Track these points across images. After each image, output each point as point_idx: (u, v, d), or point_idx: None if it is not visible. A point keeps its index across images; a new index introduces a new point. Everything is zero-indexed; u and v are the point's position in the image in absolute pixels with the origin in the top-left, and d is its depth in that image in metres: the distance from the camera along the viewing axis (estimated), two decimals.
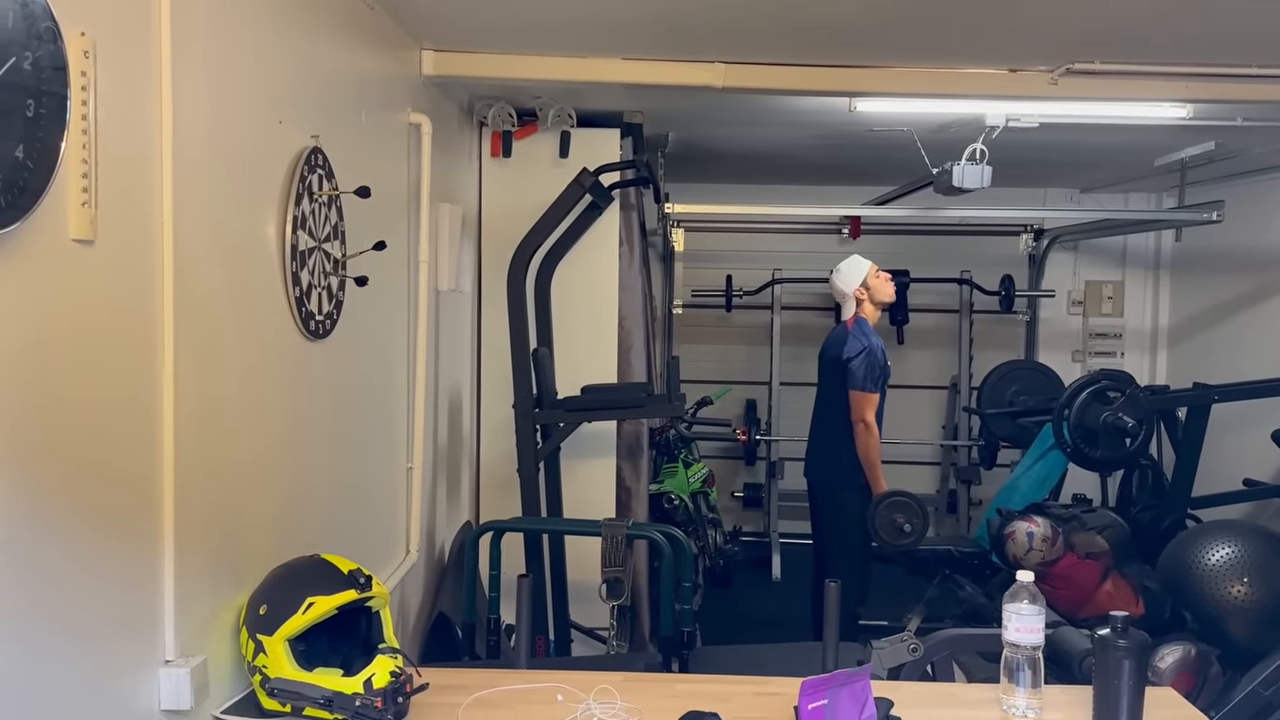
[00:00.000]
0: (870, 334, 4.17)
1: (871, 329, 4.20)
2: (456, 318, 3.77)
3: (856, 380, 4.10)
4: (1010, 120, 3.75)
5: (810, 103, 3.82)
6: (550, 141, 3.97)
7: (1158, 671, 3.30)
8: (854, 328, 4.21)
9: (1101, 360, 6.44)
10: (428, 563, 3.38)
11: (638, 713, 1.87)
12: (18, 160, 1.21)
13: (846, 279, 4.26)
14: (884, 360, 4.16)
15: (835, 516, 4.29)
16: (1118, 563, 3.73)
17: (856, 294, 4.23)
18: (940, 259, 6.35)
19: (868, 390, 4.09)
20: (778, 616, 5.20)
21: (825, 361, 4.36)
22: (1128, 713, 1.82)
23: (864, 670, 1.69)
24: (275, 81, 2.08)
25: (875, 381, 4.11)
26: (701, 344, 6.65)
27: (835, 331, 4.36)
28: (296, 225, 2.12)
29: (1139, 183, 6.00)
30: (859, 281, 4.23)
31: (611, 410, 3.63)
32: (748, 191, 6.42)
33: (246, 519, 1.96)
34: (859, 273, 4.24)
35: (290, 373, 2.16)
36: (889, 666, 2.80)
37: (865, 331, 4.17)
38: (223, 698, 1.84)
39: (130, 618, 1.57)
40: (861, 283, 4.22)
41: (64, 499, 1.38)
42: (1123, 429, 4.16)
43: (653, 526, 3.13)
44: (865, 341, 4.13)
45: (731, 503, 6.58)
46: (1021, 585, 1.93)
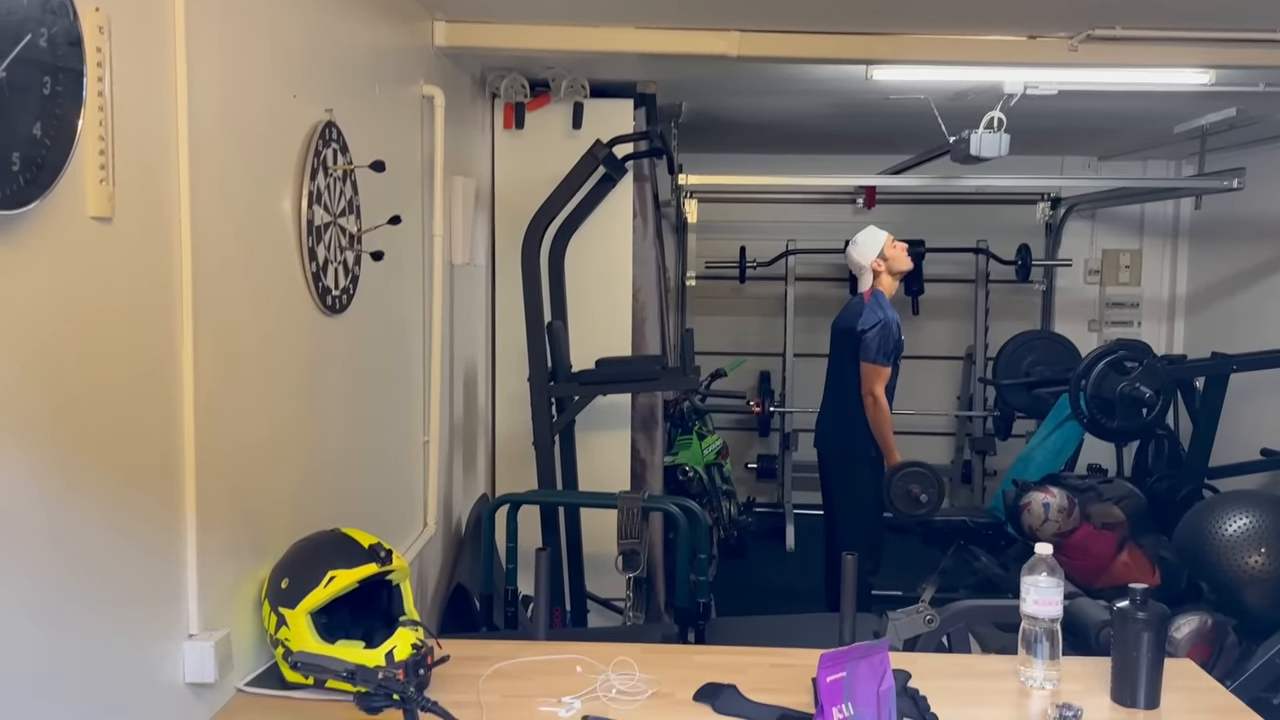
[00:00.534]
0: (886, 307, 4.15)
1: (888, 302, 4.18)
2: (471, 291, 3.77)
3: (869, 353, 4.08)
4: (1029, 88, 3.71)
5: (826, 71, 3.78)
6: (563, 113, 3.94)
7: (1174, 641, 3.30)
8: (870, 300, 4.18)
9: (1118, 330, 6.40)
10: (445, 535, 3.40)
11: (656, 684, 1.88)
12: (35, 138, 1.21)
13: (863, 251, 4.23)
14: (898, 334, 4.15)
15: (846, 487, 4.29)
16: (1134, 533, 3.73)
17: (874, 266, 4.21)
18: (956, 228, 6.31)
19: (879, 363, 4.08)
20: (792, 587, 5.23)
21: (838, 332, 4.34)
22: (1146, 685, 1.82)
23: (882, 643, 1.69)
24: (289, 55, 2.07)
25: (887, 355, 4.09)
26: (715, 316, 6.63)
27: (851, 303, 4.34)
28: (312, 200, 2.12)
29: (1158, 150, 5.93)
30: (876, 253, 4.20)
31: (625, 383, 3.63)
32: (762, 161, 6.37)
33: (267, 493, 1.97)
34: (875, 244, 4.21)
35: (308, 348, 2.17)
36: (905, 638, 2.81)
37: (881, 305, 4.15)
38: (246, 670, 1.86)
39: (154, 592, 1.59)
40: (879, 254, 4.20)
41: (86, 476, 1.39)
42: (1140, 399, 4.14)
43: (668, 499, 3.14)
44: (881, 315, 4.11)
45: (745, 474, 6.59)
46: (1040, 558, 1.93)
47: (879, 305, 4.15)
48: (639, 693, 1.86)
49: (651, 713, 1.79)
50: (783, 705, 1.80)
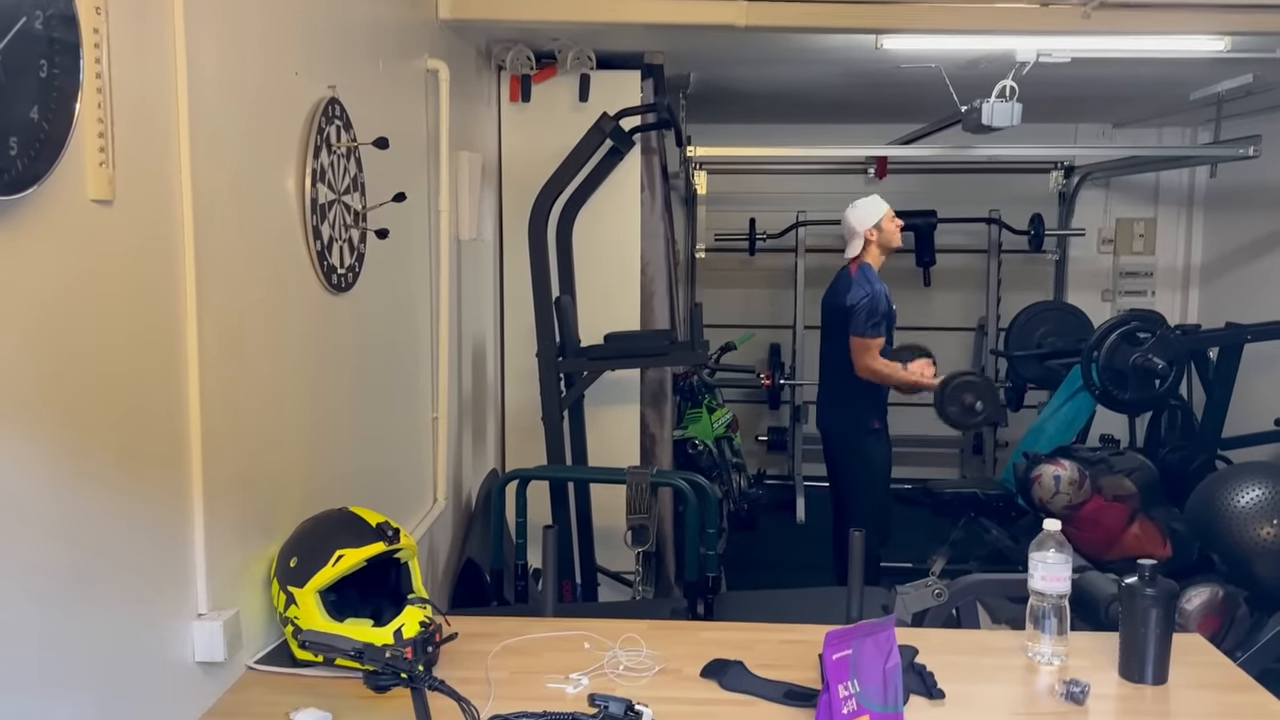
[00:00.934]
0: (874, 280, 4.12)
1: (875, 274, 4.14)
2: (479, 267, 3.76)
3: (858, 326, 4.05)
4: (1041, 56, 3.66)
5: (835, 40, 3.74)
6: (570, 85, 3.92)
7: (1185, 613, 3.30)
8: (857, 274, 4.15)
9: (1132, 300, 6.35)
10: (455, 510, 3.42)
11: (663, 660, 1.89)
12: (33, 122, 1.20)
13: (861, 216, 4.18)
14: (888, 305, 4.12)
15: (852, 461, 4.28)
16: (1145, 505, 3.72)
17: (867, 234, 4.16)
18: (968, 198, 6.25)
19: (869, 336, 4.05)
20: (802, 559, 5.24)
21: (828, 309, 4.32)
22: (1154, 660, 1.82)
23: (888, 620, 1.69)
24: (290, 32, 2.05)
25: (876, 326, 4.06)
26: (725, 288, 6.61)
27: (839, 277, 4.29)
28: (316, 178, 2.11)
29: (1173, 117, 5.86)
30: (873, 222, 4.15)
31: (634, 358, 3.62)
32: (771, 132, 6.32)
33: (274, 473, 1.97)
34: (875, 213, 4.17)
35: (314, 327, 2.17)
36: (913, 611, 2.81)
37: (869, 278, 4.12)
38: (256, 648, 1.88)
39: (162, 573, 1.60)
40: (875, 224, 4.15)
41: (92, 458, 1.39)
42: (1152, 370, 4.11)
43: (677, 474, 3.14)
44: (868, 288, 4.08)
45: (756, 447, 6.59)
46: (1048, 534, 1.92)
47: (866, 279, 4.11)
48: (646, 669, 1.86)
49: (658, 688, 1.79)
50: (789, 681, 1.80)
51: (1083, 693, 1.74)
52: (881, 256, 4.21)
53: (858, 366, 4.09)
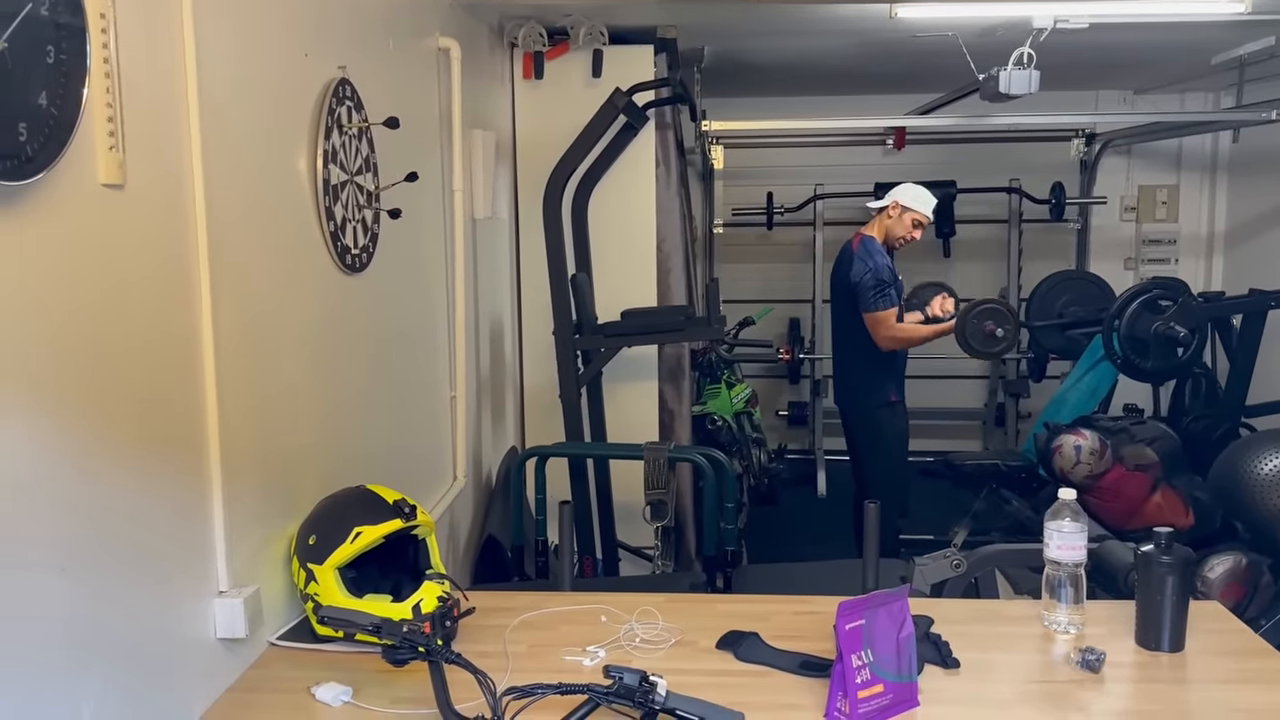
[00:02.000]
0: (875, 253, 4.11)
1: (878, 248, 4.14)
2: (494, 245, 3.76)
3: (866, 303, 4.07)
4: (1059, 21, 3.60)
5: (849, 10, 3.70)
6: (583, 61, 3.90)
7: (1207, 582, 3.29)
8: (859, 248, 4.15)
9: (1155, 268, 6.28)
10: (475, 487, 3.44)
11: (679, 632, 1.91)
12: (42, 107, 1.22)
13: (902, 192, 4.19)
14: (892, 277, 4.11)
15: (870, 434, 4.29)
16: (1167, 474, 3.69)
17: (891, 207, 4.17)
18: (988, 167, 6.19)
19: (879, 309, 4.05)
20: (824, 532, 5.24)
21: (836, 285, 4.32)
22: (1171, 628, 1.81)
23: (901, 590, 1.70)
24: (299, 13, 2.05)
25: (885, 297, 4.06)
26: (743, 263, 6.59)
27: (843, 253, 4.29)
28: (327, 159, 2.12)
29: (1195, 82, 5.77)
30: (906, 204, 4.15)
31: (651, 334, 3.62)
32: (788, 104, 6.28)
33: (293, 452, 2.00)
34: (913, 200, 4.16)
35: (329, 307, 2.18)
36: (932, 582, 2.82)
37: (870, 251, 4.12)
38: (278, 624, 1.91)
39: (183, 551, 1.62)
40: (905, 207, 4.15)
41: (110, 440, 1.42)
42: (1174, 338, 4.08)
43: (694, 449, 3.15)
44: (870, 263, 4.08)
45: (776, 421, 6.59)
46: (1063, 503, 1.92)
47: (867, 252, 4.11)
48: (662, 641, 1.88)
49: (674, 660, 1.81)
50: (805, 652, 1.81)
51: (1098, 660, 1.74)
52: (884, 237, 4.19)
53: (878, 340, 4.09)
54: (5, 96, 1.16)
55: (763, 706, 1.63)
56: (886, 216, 4.19)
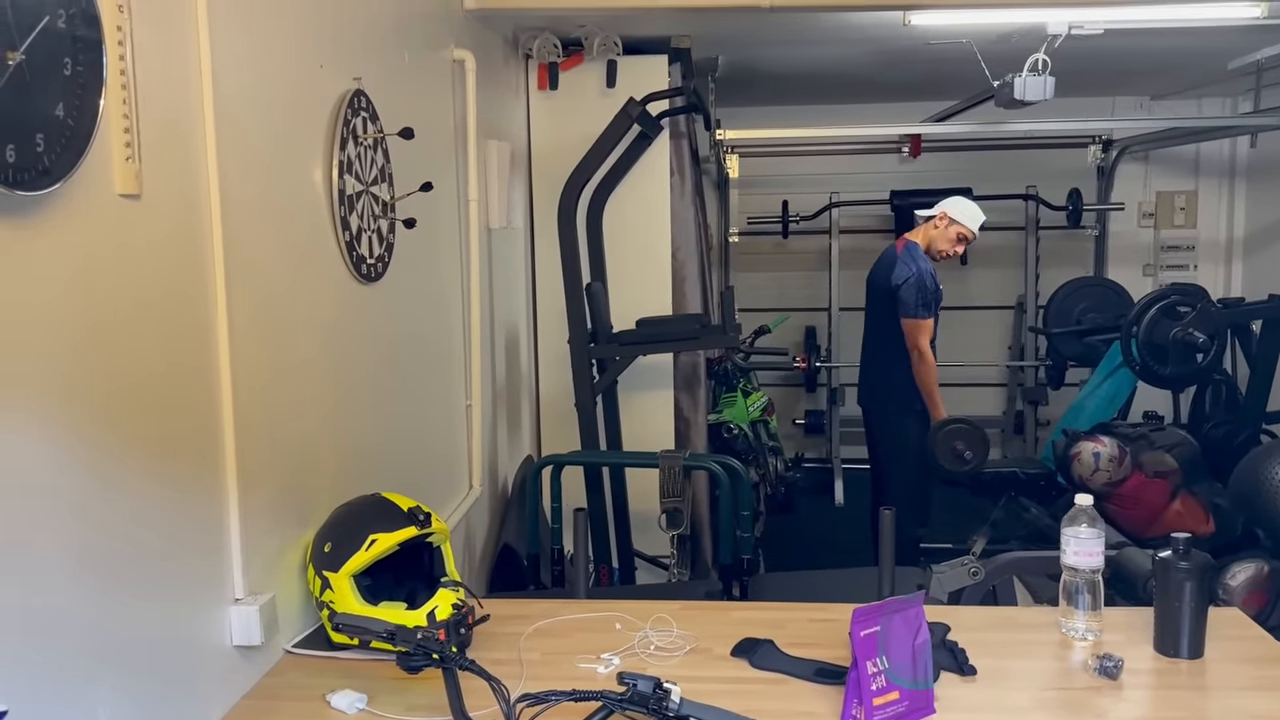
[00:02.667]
0: (919, 258, 4.10)
1: (921, 254, 4.13)
2: (510, 254, 3.78)
3: (908, 308, 4.04)
4: (1073, 28, 3.60)
5: (862, 18, 3.71)
6: (597, 71, 3.92)
7: (1229, 589, 3.25)
8: (903, 252, 4.14)
9: (1174, 274, 6.24)
10: (491, 496, 3.45)
11: (694, 640, 1.90)
12: (58, 119, 1.23)
13: (953, 204, 4.21)
14: (934, 285, 4.09)
15: (892, 442, 4.27)
16: (1187, 481, 3.66)
17: (939, 217, 4.17)
18: (1005, 174, 6.18)
19: (920, 317, 4.04)
20: (841, 541, 5.22)
21: (874, 287, 4.30)
22: (1189, 634, 1.80)
23: (917, 597, 1.69)
24: (315, 26, 2.07)
25: (927, 306, 4.05)
26: (759, 271, 6.59)
27: (884, 256, 4.29)
28: (343, 170, 2.13)
29: (1213, 87, 5.74)
30: (954, 216, 4.17)
31: (665, 343, 3.63)
32: (803, 113, 6.28)
33: (308, 461, 2.01)
34: (962, 215, 4.17)
35: (344, 317, 2.20)
36: (949, 590, 2.80)
37: (914, 256, 4.10)
38: (294, 632, 1.91)
39: (199, 558, 1.63)
40: (953, 220, 4.15)
41: (126, 449, 1.43)
42: (1193, 344, 4.05)
43: (709, 457, 3.15)
44: (914, 267, 4.06)
45: (793, 430, 6.58)
46: (1080, 509, 1.90)
47: (911, 257, 4.10)
48: (677, 648, 1.88)
49: (689, 668, 1.80)
50: (820, 659, 1.80)
51: (1116, 667, 1.73)
52: (926, 244, 4.19)
53: (910, 346, 4.07)
54: (23, 108, 1.17)
55: (777, 714, 1.63)
56: (933, 226, 4.19)
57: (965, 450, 3.96)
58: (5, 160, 1.14)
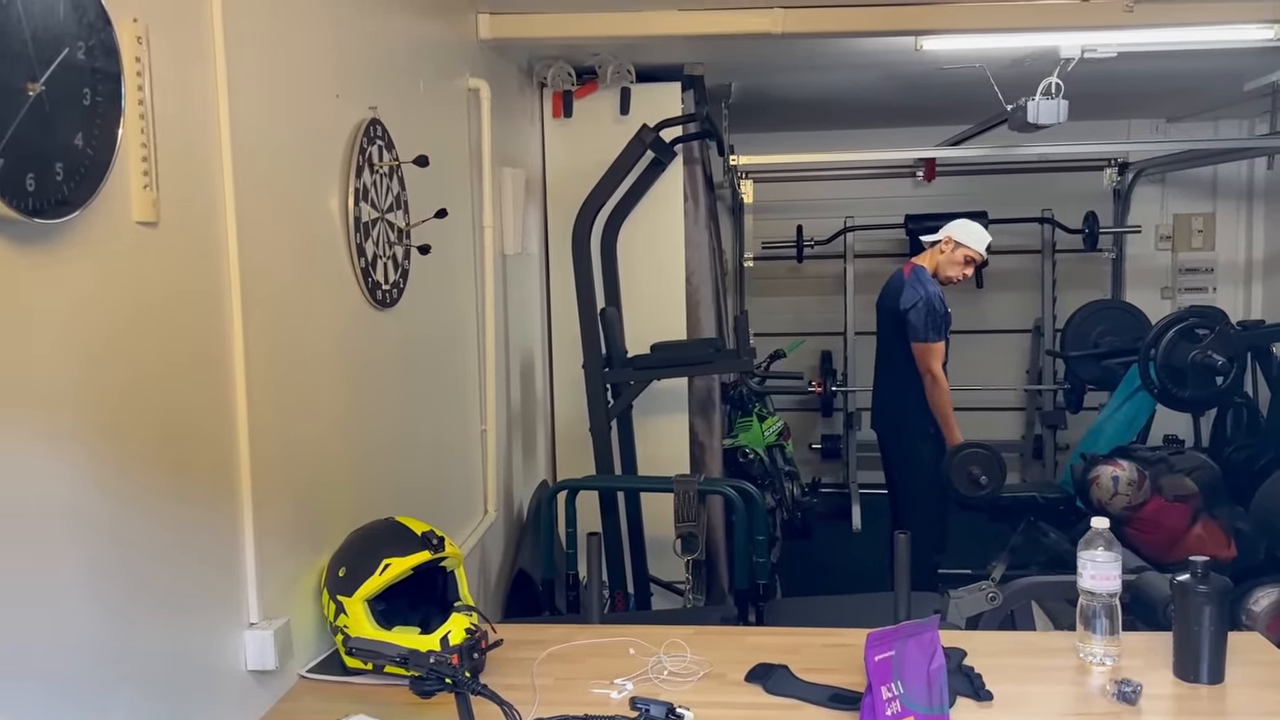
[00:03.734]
0: (927, 282, 4.10)
1: (929, 277, 4.13)
2: (525, 280, 3.80)
3: (918, 332, 4.04)
4: (1086, 51, 3.60)
5: (874, 44, 3.73)
6: (611, 99, 3.95)
7: (1252, 615, 3.22)
8: (911, 276, 4.14)
9: (1193, 297, 6.21)
10: (506, 521, 3.45)
11: (708, 665, 1.89)
12: (77, 148, 1.25)
13: (958, 227, 4.20)
14: (943, 308, 4.09)
15: (908, 467, 4.25)
16: (1208, 505, 3.63)
17: (945, 242, 4.17)
18: (1020, 198, 6.17)
19: (930, 340, 4.03)
20: (859, 567, 5.18)
21: (883, 311, 4.30)
22: (1209, 659, 1.78)
23: (931, 621, 1.68)
24: (330, 55, 2.10)
25: (937, 330, 4.04)
26: (774, 296, 6.59)
27: (892, 280, 4.28)
28: (359, 197, 2.16)
29: (1229, 109, 5.73)
30: (960, 240, 4.16)
31: (680, 367, 3.63)
32: (817, 138, 6.30)
33: (324, 486, 2.02)
34: (968, 238, 4.17)
35: (360, 342, 2.21)
36: (967, 616, 2.78)
37: (921, 280, 4.10)
38: (308, 657, 1.92)
39: (214, 583, 1.64)
40: (959, 243, 4.15)
41: (143, 473, 1.44)
42: (1212, 367, 4.02)
43: (724, 481, 3.15)
44: (922, 291, 4.06)
45: (810, 455, 6.55)
46: (1097, 532, 1.89)
47: (919, 281, 4.10)
48: (691, 674, 1.87)
49: (703, 693, 1.79)
50: (834, 685, 1.79)
51: (1135, 692, 1.71)
52: (934, 269, 4.19)
53: (922, 370, 4.06)
54: (42, 138, 1.19)
55: None
56: (939, 251, 4.19)
57: (981, 475, 3.93)
58: (25, 189, 1.16)
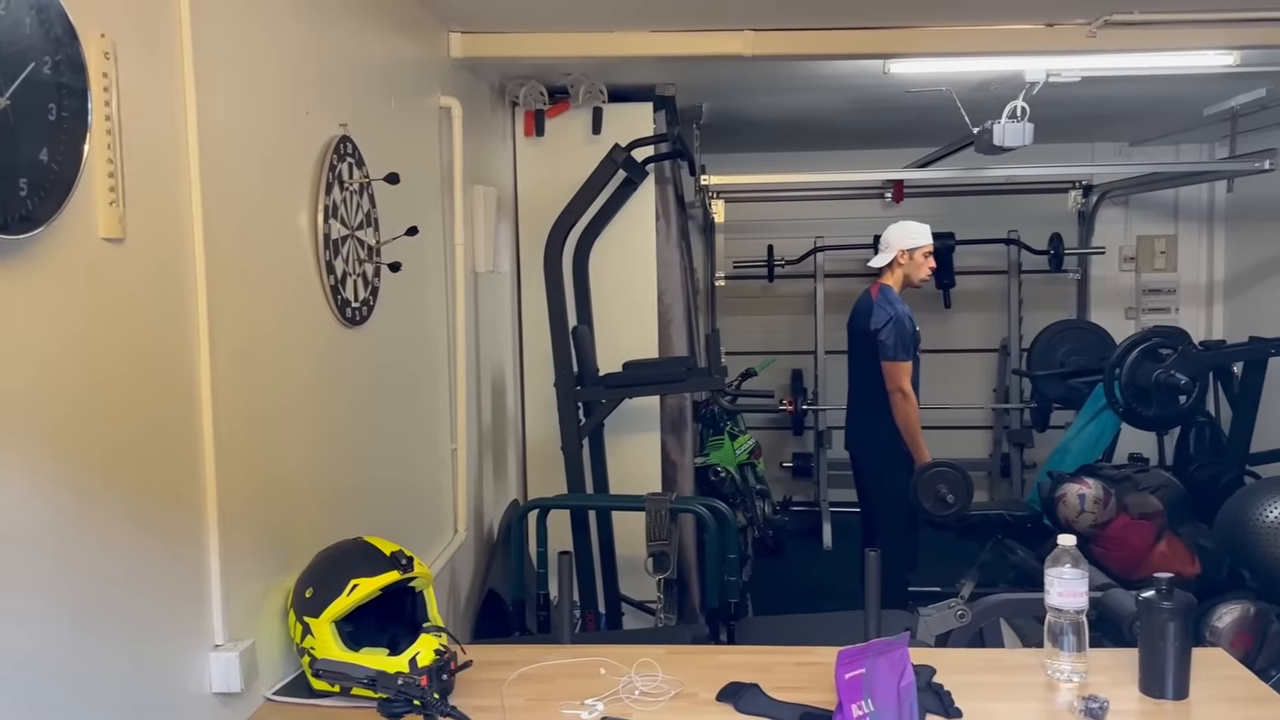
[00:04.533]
0: (895, 301, 4.14)
1: (897, 297, 4.17)
2: (496, 298, 3.79)
3: (887, 351, 4.08)
4: (1051, 76, 3.66)
5: (843, 67, 3.77)
6: (583, 118, 3.96)
7: (1216, 631, 3.25)
8: (879, 296, 4.18)
9: (1156, 317, 6.30)
10: (477, 541, 3.43)
11: (679, 685, 1.89)
12: (43, 164, 1.24)
13: (900, 235, 4.22)
14: (912, 327, 4.13)
15: (879, 485, 4.28)
16: (1172, 522, 3.66)
17: (899, 254, 4.19)
18: (987, 219, 6.25)
19: (900, 359, 4.07)
20: (830, 585, 5.20)
21: (854, 332, 4.34)
22: (1174, 674, 1.79)
23: (901, 639, 1.69)
24: (300, 72, 2.10)
25: (906, 349, 4.08)
26: (745, 315, 6.62)
27: (861, 301, 4.32)
28: (328, 214, 2.15)
29: (1190, 133, 5.84)
30: (909, 245, 4.19)
31: (652, 385, 3.63)
32: (787, 159, 6.36)
33: (291, 505, 2.00)
34: (915, 238, 4.20)
35: (329, 360, 2.20)
36: (936, 633, 2.80)
37: (890, 300, 4.14)
38: (273, 679, 1.89)
39: (178, 604, 1.62)
40: (910, 249, 4.18)
41: (107, 492, 1.42)
42: (1175, 386, 4.07)
43: (696, 500, 3.15)
44: (891, 310, 4.10)
45: (781, 473, 6.57)
46: (1063, 549, 1.91)
47: (887, 301, 4.14)
48: (662, 694, 1.86)
49: (674, 713, 1.79)
50: (806, 703, 1.79)
51: (1101, 709, 1.72)
52: (901, 284, 4.22)
53: (891, 389, 4.09)
54: (6, 153, 1.18)
55: None
56: (898, 264, 4.22)
57: (948, 494, 3.96)
58: None
